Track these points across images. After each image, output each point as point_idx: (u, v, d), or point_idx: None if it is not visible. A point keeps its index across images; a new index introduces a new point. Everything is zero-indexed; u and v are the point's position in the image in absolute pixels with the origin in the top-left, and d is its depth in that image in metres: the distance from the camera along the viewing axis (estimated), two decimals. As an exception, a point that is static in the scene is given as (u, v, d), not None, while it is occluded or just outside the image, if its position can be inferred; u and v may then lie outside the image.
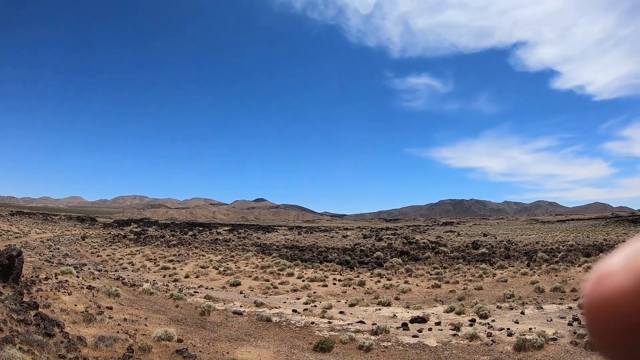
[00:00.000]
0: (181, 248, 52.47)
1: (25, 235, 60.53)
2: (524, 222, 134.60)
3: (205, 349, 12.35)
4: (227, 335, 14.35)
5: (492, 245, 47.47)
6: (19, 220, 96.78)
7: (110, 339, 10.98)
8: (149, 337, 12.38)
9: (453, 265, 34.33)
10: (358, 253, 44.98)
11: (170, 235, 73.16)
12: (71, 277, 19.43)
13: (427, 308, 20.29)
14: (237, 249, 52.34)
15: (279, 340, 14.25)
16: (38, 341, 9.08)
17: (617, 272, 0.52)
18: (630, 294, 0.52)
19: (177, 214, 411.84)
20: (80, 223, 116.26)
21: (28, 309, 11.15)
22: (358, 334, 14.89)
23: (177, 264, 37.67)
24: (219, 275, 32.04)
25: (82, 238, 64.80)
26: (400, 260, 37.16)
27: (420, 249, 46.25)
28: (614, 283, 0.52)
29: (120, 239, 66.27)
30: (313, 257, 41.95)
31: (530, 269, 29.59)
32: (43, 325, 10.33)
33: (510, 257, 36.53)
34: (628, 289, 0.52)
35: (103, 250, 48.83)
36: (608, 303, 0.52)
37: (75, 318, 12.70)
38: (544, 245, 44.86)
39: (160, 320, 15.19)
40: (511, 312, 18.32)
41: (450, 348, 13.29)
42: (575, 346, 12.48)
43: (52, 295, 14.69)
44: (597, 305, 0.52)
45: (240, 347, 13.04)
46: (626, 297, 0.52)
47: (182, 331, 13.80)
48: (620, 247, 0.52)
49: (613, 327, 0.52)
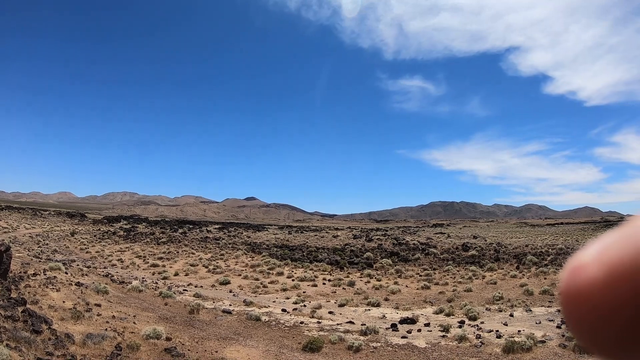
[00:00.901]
0: (171, 246, 52.17)
1: (14, 230, 59.86)
2: (514, 225, 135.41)
3: (194, 348, 12.29)
4: (216, 334, 14.30)
5: (482, 247, 47.69)
6: (8, 215, 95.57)
7: (98, 337, 10.90)
8: (137, 335, 12.30)
9: (443, 267, 34.49)
10: (348, 253, 44.99)
11: (160, 232, 72.66)
12: (60, 273, 19.28)
13: (417, 309, 20.36)
14: (227, 247, 52.14)
15: (268, 339, 14.23)
16: (25, 338, 8.99)
17: (590, 264, 0.55)
18: (601, 285, 0.54)
19: (167, 211, 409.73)
20: (69, 219, 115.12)
21: (16, 305, 11.03)
22: (347, 334, 14.91)
23: (167, 262, 37.46)
24: (209, 274, 31.91)
25: (71, 234, 64.23)
26: (390, 261, 37.24)
27: (410, 250, 46.35)
28: (587, 274, 0.54)
29: (109, 235, 65.70)
30: (303, 257, 41.88)
31: (519, 272, 29.82)
32: (31, 321, 10.23)
33: (500, 260, 36.74)
34: (600, 280, 0.54)
35: (92, 247, 48.44)
36: (581, 293, 0.54)
37: (64, 315, 12.60)
38: (534, 249, 45.14)
39: (149, 318, 15.10)
40: (500, 314, 18.44)
41: (439, 349, 13.35)
42: (563, 349, 12.59)
43: (40, 291, 14.56)
44: (572, 295, 0.54)
45: (229, 346, 13.00)
46: (598, 288, 0.54)
47: (170, 329, 13.72)
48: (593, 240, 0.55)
49: (587, 316, 0.54)
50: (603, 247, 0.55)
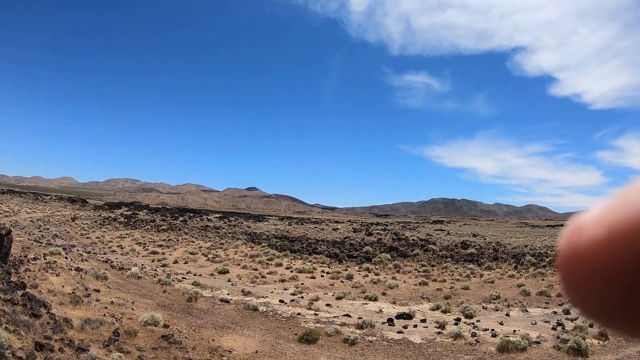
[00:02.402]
0: (171, 233, 52.33)
1: (15, 215, 60.02)
2: (514, 225, 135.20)
3: (191, 336, 12.39)
4: (213, 322, 14.40)
5: (481, 246, 47.72)
6: (10, 199, 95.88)
7: (96, 322, 10.99)
8: (135, 321, 12.40)
9: (441, 264, 34.54)
10: (347, 246, 45.07)
11: (161, 220, 72.84)
12: (60, 258, 19.39)
13: (414, 305, 20.44)
14: (227, 236, 52.27)
15: (265, 329, 14.33)
16: (24, 321, 9.07)
17: (591, 224, 0.53)
18: (602, 245, 0.53)
19: (168, 199, 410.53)
20: (71, 204, 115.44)
21: (15, 289, 11.12)
22: (344, 327, 15.00)
23: (166, 249, 37.61)
24: (208, 262, 32.03)
25: (72, 219, 64.39)
26: (389, 256, 37.31)
27: (410, 245, 46.42)
28: (588, 235, 0.53)
29: (110, 221, 65.89)
30: (302, 249, 41.98)
31: (517, 272, 29.86)
32: (30, 305, 10.32)
33: (499, 259, 36.80)
34: (601, 240, 0.53)
35: (93, 233, 48.59)
36: (582, 255, 0.53)
37: (62, 299, 12.70)
38: (533, 249, 45.11)
39: (147, 304, 15.21)
40: (496, 314, 18.51)
41: (435, 345, 13.43)
42: (558, 350, 12.66)
43: (40, 275, 14.66)
44: (571, 257, 0.53)
45: (226, 334, 13.10)
46: (599, 249, 0.53)
47: (168, 317, 13.83)
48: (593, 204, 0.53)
49: (587, 279, 0.53)
50: (604, 208, 0.53)
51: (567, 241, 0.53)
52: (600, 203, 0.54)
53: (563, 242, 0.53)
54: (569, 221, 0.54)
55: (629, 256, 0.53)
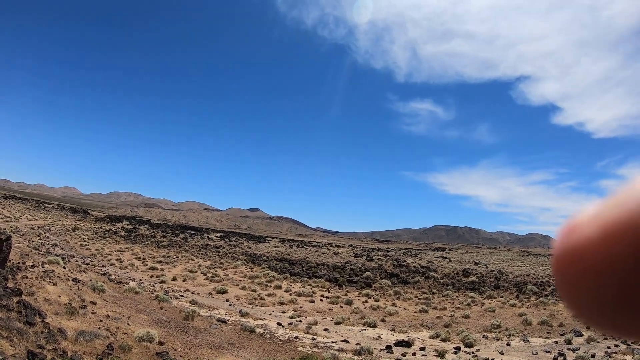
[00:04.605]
0: (171, 250, 52.13)
1: (16, 220, 59.99)
2: (516, 254, 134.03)
3: (186, 354, 12.17)
4: (209, 342, 14.17)
5: (483, 274, 47.30)
6: (12, 205, 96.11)
7: (91, 335, 10.82)
8: (130, 336, 12.20)
9: (442, 292, 34.18)
10: (348, 271, 44.75)
11: (162, 236, 72.68)
12: (58, 267, 19.25)
13: (413, 332, 20.13)
14: (227, 256, 52.04)
15: (261, 352, 14.08)
16: (18, 329, 8.93)
17: (585, 223, 0.53)
18: (596, 243, 0.53)
19: (170, 215, 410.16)
20: (72, 214, 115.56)
21: (11, 295, 10.99)
22: (341, 353, 14.73)
23: (166, 266, 37.40)
24: (207, 281, 31.79)
25: (72, 229, 64.35)
26: (389, 282, 36.99)
27: (411, 272, 46.05)
28: (582, 234, 0.53)
29: (111, 234, 65.80)
30: (302, 272, 41.71)
31: (519, 301, 29.48)
32: (25, 313, 10.18)
33: (500, 288, 36.41)
34: (596, 239, 0.53)
35: (92, 244, 48.48)
36: (576, 254, 0.53)
37: (58, 309, 12.54)
38: (535, 278, 44.66)
39: (143, 320, 15.01)
40: (497, 343, 18.18)
41: (433, 375, 13.15)
42: (559, 384, 12.36)
43: (37, 283, 14.52)
44: (566, 256, 0.53)
45: (222, 355, 12.86)
46: (594, 248, 0.53)
47: (164, 334, 13.62)
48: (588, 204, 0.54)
49: (581, 278, 0.53)
50: (599, 207, 0.54)
51: (561, 240, 0.53)
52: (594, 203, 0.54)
53: (557, 241, 0.53)
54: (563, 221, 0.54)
55: (622, 255, 0.53)
